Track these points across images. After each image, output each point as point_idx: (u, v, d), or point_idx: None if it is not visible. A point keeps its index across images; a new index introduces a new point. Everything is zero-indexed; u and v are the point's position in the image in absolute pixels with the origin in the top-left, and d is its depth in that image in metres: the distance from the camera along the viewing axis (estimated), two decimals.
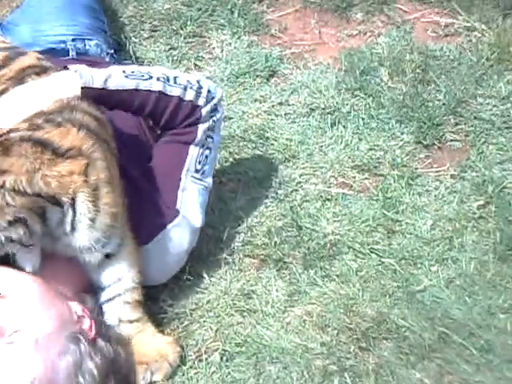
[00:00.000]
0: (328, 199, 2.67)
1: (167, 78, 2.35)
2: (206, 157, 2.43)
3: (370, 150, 2.80)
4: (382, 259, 2.49)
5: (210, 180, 2.46)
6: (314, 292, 2.43)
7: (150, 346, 2.23)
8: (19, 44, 2.67)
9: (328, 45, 3.18)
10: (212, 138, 2.43)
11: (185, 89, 2.36)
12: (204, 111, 2.39)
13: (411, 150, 2.81)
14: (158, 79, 2.32)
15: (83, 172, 2.03)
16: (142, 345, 2.22)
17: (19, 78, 2.30)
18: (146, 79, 2.31)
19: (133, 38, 3.19)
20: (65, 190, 2.00)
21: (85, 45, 2.84)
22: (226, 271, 2.49)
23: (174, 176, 2.37)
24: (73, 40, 2.84)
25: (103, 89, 2.24)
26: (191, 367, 2.27)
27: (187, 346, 2.31)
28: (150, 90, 2.30)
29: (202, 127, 2.39)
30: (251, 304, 2.41)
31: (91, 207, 2.05)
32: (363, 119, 2.89)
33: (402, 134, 2.85)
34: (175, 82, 2.35)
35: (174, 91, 2.34)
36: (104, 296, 2.20)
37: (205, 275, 2.47)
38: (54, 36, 2.84)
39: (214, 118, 2.43)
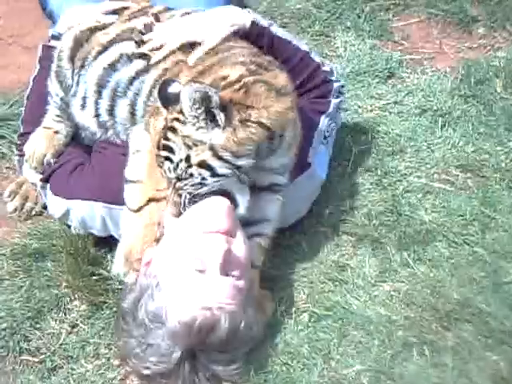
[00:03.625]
0: (429, 192, 2.81)
1: (311, 49, 2.71)
2: (332, 129, 2.71)
3: (476, 152, 2.93)
4: (474, 249, 2.61)
5: (331, 150, 2.74)
6: (405, 272, 2.58)
7: None
8: None
9: (447, 54, 3.34)
10: (338, 114, 2.74)
11: (322, 63, 2.70)
12: (335, 86, 2.70)
13: None
14: (305, 44, 2.69)
15: (292, 108, 2.35)
16: None
17: None
18: (298, 40, 2.69)
19: None
20: (283, 122, 2.31)
21: None
22: (323, 244, 2.67)
23: (308, 134, 2.58)
24: None
25: (266, 28, 2.60)
26: (281, 322, 2.46)
27: (280, 304, 2.49)
28: (299, 47, 2.66)
29: (333, 102, 2.69)
30: (344, 275, 2.58)
31: (291, 136, 2.37)
32: (473, 124, 3.02)
33: (509, 141, 2.97)
34: (316, 55, 2.72)
35: (316, 59, 2.69)
36: (246, 232, 2.37)
37: (304, 245, 2.67)
38: None
39: (342, 98, 2.74)
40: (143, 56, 2.58)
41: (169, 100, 2.28)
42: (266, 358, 2.36)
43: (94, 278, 2.56)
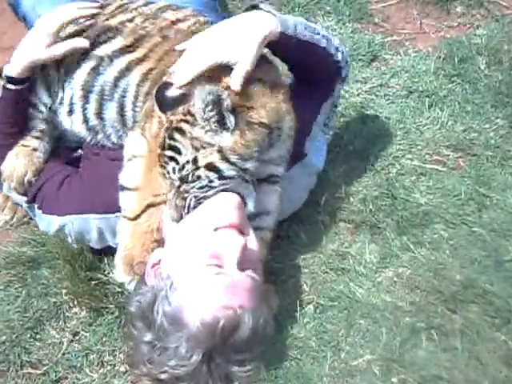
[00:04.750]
0: (422, 174, 2.80)
1: (328, 37, 2.49)
2: (334, 112, 2.68)
3: (465, 131, 2.92)
4: (473, 229, 2.61)
5: (330, 132, 2.72)
6: (406, 256, 2.57)
7: None
8: None
9: (428, 34, 3.31)
10: (338, 99, 2.69)
11: (336, 49, 2.53)
12: (343, 72, 2.60)
13: (505, 133, 2.91)
14: (323, 36, 2.46)
15: (285, 100, 2.31)
16: None
17: None
18: (317, 34, 2.45)
19: None
20: (279, 116, 2.29)
21: None
22: (322, 233, 2.65)
23: (306, 125, 2.53)
24: None
25: (293, 37, 2.34)
26: (287, 316, 2.44)
27: (283, 298, 2.47)
28: (319, 46, 2.44)
29: (337, 88, 2.62)
30: (345, 264, 2.57)
31: (288, 127, 2.34)
32: (459, 103, 3.01)
33: (497, 118, 2.96)
34: (332, 43, 2.51)
35: (331, 50, 2.50)
36: None
37: (302, 235, 2.64)
38: None
39: (343, 83, 2.67)
40: (125, 50, 2.52)
41: (166, 104, 2.22)
42: (275, 354, 2.34)
43: (93, 283, 2.52)
